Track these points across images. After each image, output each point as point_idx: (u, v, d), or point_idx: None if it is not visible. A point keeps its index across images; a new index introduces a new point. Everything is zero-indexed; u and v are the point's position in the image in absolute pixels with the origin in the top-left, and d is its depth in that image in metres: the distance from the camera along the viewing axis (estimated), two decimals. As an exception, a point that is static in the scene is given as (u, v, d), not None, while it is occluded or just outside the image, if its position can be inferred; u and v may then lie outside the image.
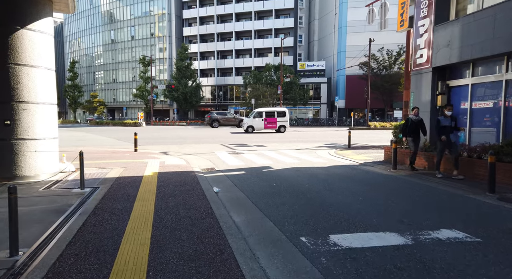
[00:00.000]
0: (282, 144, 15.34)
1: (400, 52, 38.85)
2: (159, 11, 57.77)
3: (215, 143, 16.17)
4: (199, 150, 12.81)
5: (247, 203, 5.17)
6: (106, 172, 7.63)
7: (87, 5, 67.61)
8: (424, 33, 8.47)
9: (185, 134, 22.29)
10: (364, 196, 5.53)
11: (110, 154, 11.18)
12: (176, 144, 15.52)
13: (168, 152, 12.08)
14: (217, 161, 10.00)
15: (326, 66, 48.27)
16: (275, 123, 23.45)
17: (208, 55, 57.71)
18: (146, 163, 9.08)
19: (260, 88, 42.14)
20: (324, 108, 48.56)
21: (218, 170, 8.40)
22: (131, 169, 7.98)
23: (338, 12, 46.47)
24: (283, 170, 8.12)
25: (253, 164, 9.24)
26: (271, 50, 52.85)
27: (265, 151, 12.31)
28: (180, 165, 8.84)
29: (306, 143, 16.29)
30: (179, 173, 7.54)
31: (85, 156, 10.75)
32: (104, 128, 33.43)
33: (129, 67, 62.74)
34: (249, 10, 52.62)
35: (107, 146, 14.50)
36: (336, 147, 14.25)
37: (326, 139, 18.43)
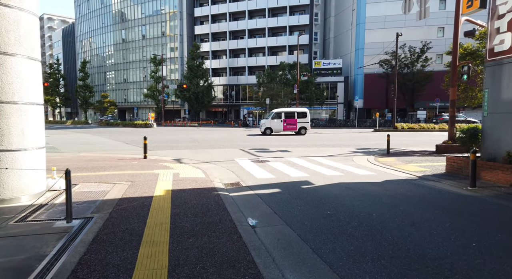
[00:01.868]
0: (308, 149, 13.63)
1: (424, 48, 36.61)
2: (170, 10, 56.58)
3: (232, 147, 14.55)
4: (217, 157, 11.20)
5: (303, 250, 3.49)
6: (106, 189, 6.05)
7: (99, 5, 66.97)
8: (507, 12, 6.65)
9: (198, 137, 20.76)
10: (475, 239, 3.79)
11: (116, 162, 9.65)
12: (189, 148, 13.95)
13: (182, 160, 10.51)
14: (240, 172, 8.36)
15: (343, 64, 46.25)
16: (295, 124, 21.70)
17: (220, 54, 56.27)
18: (157, 175, 7.49)
19: (274, 87, 40.40)
20: (340, 108, 46.54)
21: (245, 186, 6.75)
22: (138, 186, 6.39)
23: (356, 8, 44.40)
24: (329, 187, 6.42)
25: (285, 176, 7.56)
26: (285, 48, 51.06)
27: (293, 159, 10.61)
28: (198, 178, 7.23)
29: (335, 147, 14.54)
30: (198, 192, 5.92)
31: (86, 165, 9.10)
32: (113, 130, 32.20)
33: (140, 66, 61.77)
34: (263, 7, 50.94)
35: (114, 151, 13.01)
36: (371, 152, 12.48)
37: (355, 143, 16.63)
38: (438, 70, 39.89)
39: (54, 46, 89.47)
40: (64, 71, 76.33)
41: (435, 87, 38.29)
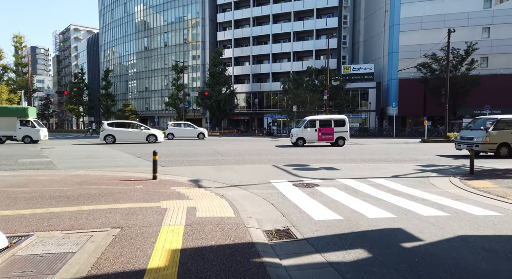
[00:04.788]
0: (358, 166, 10.83)
1: (469, 50, 32.96)
2: (192, 17, 55.42)
3: (262, 162, 11.97)
4: (246, 177, 8.64)
5: None
6: (72, 249, 3.57)
7: (122, 13, 67.03)
8: None
9: (221, 148, 18.34)
10: None
11: (115, 185, 7.26)
12: (211, 164, 11.48)
13: (201, 181, 8.01)
14: (285, 205, 5.74)
15: (374, 69, 43.04)
16: (332, 134, 18.90)
17: (243, 60, 54.32)
18: (163, 214, 4.98)
19: (301, 94, 37.72)
20: (372, 116, 43.16)
21: (301, 238, 4.11)
22: (128, 239, 3.89)
23: (389, 9, 41.34)
24: (453, 249, 3.67)
25: (359, 218, 4.87)
26: (312, 54, 48.42)
27: (349, 182, 7.89)
28: (225, 220, 4.67)
29: (390, 163, 11.67)
30: (226, 256, 3.36)
31: (73, 192, 6.39)
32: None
33: (161, 75, 60.81)
34: (288, 11, 48.70)
35: (120, 167, 10.71)
36: (444, 171, 9.58)
37: (410, 157, 13.66)
38: (484, 74, 36.09)
39: (79, 56, 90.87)
40: (88, 80, 76.88)
41: (481, 92, 34.48)
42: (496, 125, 13.39)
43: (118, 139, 22.35)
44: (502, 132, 13.33)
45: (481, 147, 13.46)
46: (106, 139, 22.08)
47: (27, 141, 22.97)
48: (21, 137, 22.86)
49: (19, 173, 9.08)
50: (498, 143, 13.33)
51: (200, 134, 28.99)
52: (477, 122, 14.76)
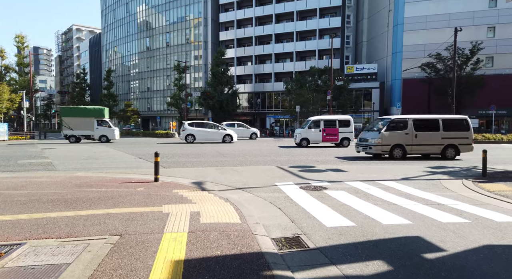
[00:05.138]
0: (365, 167, 10.53)
1: (474, 50, 32.52)
2: (194, 16, 55.21)
3: (266, 163, 11.69)
4: (250, 179, 8.36)
5: None
6: (66, 260, 3.29)
7: (124, 13, 66.93)
8: None
9: (224, 149, 18.08)
10: None
11: (115, 188, 6.99)
12: (214, 165, 11.20)
13: (204, 183, 7.74)
14: (292, 209, 5.46)
15: (378, 69, 42.68)
16: (337, 135, 18.59)
17: (245, 60, 54.03)
18: (165, 219, 4.70)
19: (304, 94, 37.38)
20: (376, 116, 42.72)
21: (313, 247, 3.82)
22: (128, 248, 3.61)
23: (393, 9, 40.95)
24: (481, 261, 3.37)
25: (373, 224, 4.57)
26: (315, 53, 48.09)
27: (358, 184, 7.60)
28: (230, 226, 4.38)
29: (397, 164, 11.35)
30: (230, 263, 3.10)
31: (71, 195, 6.11)
32: (131, 140, 30.20)
33: (163, 75, 60.63)
34: (291, 10, 48.37)
35: (121, 168, 10.45)
36: (455, 173, 9.27)
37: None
38: (490, 74, 35.67)
39: (81, 56, 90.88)
40: (91, 81, 76.88)
41: (487, 92, 34.05)
42: (389, 126, 12.82)
43: (197, 139, 23.09)
44: (395, 133, 12.73)
45: (374, 149, 12.83)
46: (187, 139, 22.95)
47: (103, 140, 24.40)
48: (98, 137, 24.31)
49: (17, 175, 8.83)
50: (391, 145, 12.71)
51: (253, 134, 28.73)
52: (374, 123, 14.06)
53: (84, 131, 24.10)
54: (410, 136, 12.63)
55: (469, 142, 12.97)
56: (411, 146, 12.69)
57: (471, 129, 13.10)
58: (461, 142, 12.88)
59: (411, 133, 12.62)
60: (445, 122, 12.86)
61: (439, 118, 12.94)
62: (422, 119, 13.15)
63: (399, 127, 12.81)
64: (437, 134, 12.77)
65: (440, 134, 12.76)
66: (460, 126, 13.06)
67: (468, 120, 13.23)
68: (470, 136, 12.95)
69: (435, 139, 12.78)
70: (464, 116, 13.42)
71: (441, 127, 12.78)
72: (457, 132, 12.89)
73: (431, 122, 13.01)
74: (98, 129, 24.15)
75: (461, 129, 12.98)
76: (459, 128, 13.03)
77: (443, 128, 12.79)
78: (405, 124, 12.76)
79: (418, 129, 12.71)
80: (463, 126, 13.05)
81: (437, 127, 12.82)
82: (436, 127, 12.82)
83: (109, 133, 24.48)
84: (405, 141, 12.64)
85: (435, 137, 12.78)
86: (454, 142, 12.82)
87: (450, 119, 13.25)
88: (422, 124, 12.95)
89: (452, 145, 12.83)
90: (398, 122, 12.92)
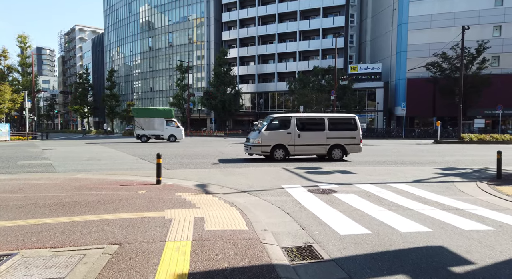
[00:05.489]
0: (374, 169, 10.21)
1: (480, 48, 32.06)
2: (197, 16, 55.00)
3: (271, 165, 11.38)
4: (256, 181, 8.07)
5: None
6: (59, 274, 3.01)
7: (127, 14, 66.85)
8: None
9: (228, 150, 17.80)
10: None
11: (116, 190, 6.72)
12: (217, 166, 10.92)
13: (208, 186, 7.47)
14: (301, 214, 5.16)
15: (382, 68, 42.27)
16: (342, 135, 18.23)
17: (248, 60, 53.76)
18: (167, 225, 4.42)
19: (308, 93, 37.06)
20: (380, 116, 42.40)
21: (328, 258, 3.52)
22: (127, 260, 3.33)
23: (397, 7, 40.56)
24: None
25: (391, 232, 4.26)
26: (318, 53, 47.74)
27: (369, 187, 7.29)
28: (237, 234, 4.10)
29: (406, 166, 11.04)
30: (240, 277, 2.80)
31: (70, 199, 5.78)
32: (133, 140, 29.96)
33: (166, 75, 60.48)
34: (294, 10, 48.06)
35: (122, 170, 10.19)
36: (467, 175, 8.95)
37: (426, 159, 13.02)
38: (496, 73, 35.18)
39: (84, 56, 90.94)
40: (93, 81, 76.85)
41: (493, 92, 33.55)
42: (270, 125, 11.99)
43: None
44: (276, 133, 11.90)
45: (253, 150, 11.95)
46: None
47: (172, 139, 25.22)
48: (167, 136, 25.11)
49: (15, 177, 8.59)
50: (272, 145, 11.90)
51: None
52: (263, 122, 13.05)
53: (154, 131, 24.86)
54: (293, 135, 11.91)
55: (356, 142, 12.30)
56: (294, 147, 11.97)
57: (359, 128, 12.38)
58: (348, 142, 12.25)
59: (294, 132, 11.89)
60: (331, 121, 12.18)
61: (325, 117, 12.25)
62: (307, 118, 12.50)
63: (282, 126, 12.04)
64: (322, 134, 12.08)
65: (325, 134, 12.08)
66: (347, 125, 12.38)
67: (356, 119, 12.50)
68: (358, 136, 12.28)
69: (320, 139, 12.09)
70: (352, 115, 12.70)
71: (326, 126, 12.07)
72: (344, 132, 12.23)
73: (316, 121, 12.35)
74: (167, 129, 24.90)
75: (349, 128, 12.31)
76: (346, 127, 12.35)
77: (329, 127, 12.08)
78: (288, 123, 12.00)
79: (302, 128, 11.99)
80: (351, 125, 12.36)
81: (322, 126, 12.11)
82: (321, 127, 12.12)
83: (177, 133, 25.26)
84: (287, 141, 11.93)
85: (319, 137, 12.08)
86: (340, 142, 12.19)
87: (336, 118, 12.60)
88: (307, 123, 12.26)
89: (338, 145, 12.21)
90: (281, 121, 12.12)
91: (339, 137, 12.19)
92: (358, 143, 12.33)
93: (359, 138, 12.30)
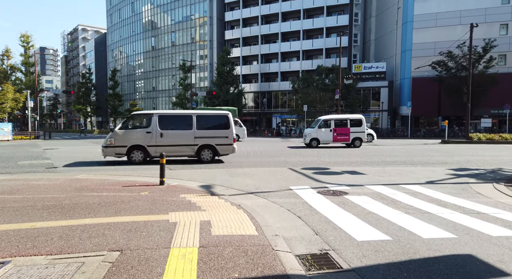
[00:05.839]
0: (383, 169, 9.89)
1: (487, 47, 31.57)
2: (200, 15, 54.76)
3: (277, 164, 11.10)
4: (263, 182, 7.78)
5: None
6: (54, 285, 2.75)
7: (129, 13, 66.74)
8: None
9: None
10: None
11: (117, 192, 6.46)
12: (222, 166, 10.64)
13: (213, 186, 7.19)
14: (313, 218, 4.87)
15: (387, 68, 41.83)
16: (348, 134, 17.93)
17: (251, 60, 53.44)
18: (171, 230, 4.14)
19: (312, 93, 36.72)
20: (384, 116, 41.95)
21: (345, 266, 3.23)
22: (128, 269, 3.05)
23: (402, 6, 40.09)
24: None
25: (412, 238, 3.96)
26: (322, 52, 47.33)
27: (381, 189, 6.98)
28: (246, 239, 3.82)
29: (416, 166, 10.71)
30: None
31: (69, 200, 5.64)
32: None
33: (169, 74, 60.30)
34: (297, 9, 47.66)
35: (123, 170, 9.92)
36: (480, 176, 8.62)
37: (435, 159, 12.66)
38: (503, 72, 34.66)
39: (87, 56, 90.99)
40: (96, 81, 76.86)
41: (499, 91, 33.05)
42: (125, 124, 10.99)
43: None
44: (133, 132, 10.82)
45: (106, 151, 10.71)
46: None
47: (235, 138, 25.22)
48: None
49: (15, 177, 8.35)
50: (128, 146, 10.71)
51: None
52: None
53: None
54: (154, 135, 10.83)
55: (229, 142, 11.44)
56: (155, 147, 10.86)
57: (231, 127, 11.50)
58: (220, 142, 11.34)
59: (155, 131, 10.82)
60: (200, 119, 11.24)
61: (193, 114, 11.28)
62: (171, 115, 11.48)
63: (141, 125, 11.08)
64: (190, 133, 11.10)
65: (193, 133, 11.11)
66: (219, 124, 11.48)
67: (229, 117, 11.55)
68: (231, 135, 11.43)
69: (187, 139, 11.08)
70: (224, 112, 11.67)
71: (194, 125, 11.11)
72: (215, 131, 11.33)
73: (182, 119, 11.34)
74: None
75: (220, 127, 11.42)
76: (217, 126, 11.45)
77: (198, 126, 11.15)
78: (148, 121, 11.00)
79: (165, 127, 10.94)
80: (223, 124, 11.45)
81: (190, 125, 11.12)
82: (188, 125, 11.13)
83: (240, 132, 25.18)
84: (147, 142, 10.81)
85: (186, 137, 11.08)
86: (210, 142, 11.26)
87: (206, 115, 11.60)
88: (171, 121, 11.19)
89: (209, 145, 11.30)
90: (139, 119, 11.20)
91: (209, 137, 11.27)
92: (231, 143, 11.46)
93: (232, 137, 11.45)
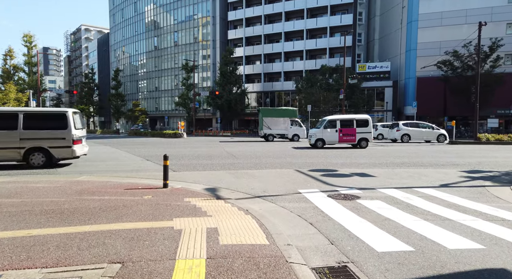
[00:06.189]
0: (393, 171, 9.58)
1: (494, 46, 31.09)
2: (203, 15, 54.55)
3: (283, 166, 10.82)
4: (270, 185, 7.50)
5: None
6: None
7: (132, 13, 66.65)
8: None
9: (235, 150, 17.25)
10: None
11: (119, 195, 6.19)
12: (227, 168, 10.36)
13: (219, 190, 6.92)
14: (327, 226, 4.58)
15: (391, 67, 41.44)
16: (354, 135, 17.59)
17: (254, 59, 53.19)
18: (176, 239, 3.86)
19: (315, 93, 36.39)
20: (389, 116, 41.55)
21: (370, 283, 2.95)
22: (130, 285, 2.78)
23: (407, 5, 39.69)
24: None
25: (437, 249, 3.67)
26: (325, 52, 47.02)
27: (394, 193, 6.68)
28: (257, 249, 3.53)
29: (426, 168, 10.38)
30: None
31: (69, 204, 5.45)
32: (139, 140, 29.61)
33: (171, 74, 60.13)
34: (301, 8, 47.38)
35: (126, 171, 9.67)
36: (493, 177, 8.33)
37: (445, 160, 12.32)
38: (509, 72, 34.18)
39: (90, 56, 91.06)
40: (99, 81, 76.85)
41: (506, 91, 32.58)
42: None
43: (412, 138, 23.32)
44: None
45: None
46: (403, 138, 23.33)
47: (296, 139, 25.58)
48: (291, 136, 25.50)
49: (14, 179, 8.10)
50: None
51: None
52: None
53: (280, 130, 25.36)
54: None
55: (67, 144, 9.68)
56: None
57: (70, 126, 9.68)
58: (55, 144, 9.61)
59: None
60: (28, 118, 9.51)
61: (19, 112, 9.50)
62: None
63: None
64: (14, 134, 9.33)
65: (18, 134, 9.36)
66: (54, 122, 9.71)
67: (69, 114, 9.80)
68: (69, 137, 9.65)
69: (9, 140, 9.33)
70: (62, 110, 9.99)
71: (20, 124, 9.34)
72: (47, 131, 9.58)
73: (4, 117, 9.53)
74: (292, 129, 25.37)
75: (56, 127, 9.66)
76: (52, 125, 9.66)
77: (24, 125, 9.38)
78: None
79: None
80: (59, 122, 9.67)
81: (13, 123, 9.32)
82: (12, 124, 9.33)
83: (300, 132, 25.63)
84: None
85: (8, 138, 9.31)
86: (42, 144, 9.53)
87: (38, 113, 9.92)
88: None
89: (40, 148, 9.60)
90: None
91: (39, 138, 9.53)
92: (69, 145, 9.68)
93: (70, 139, 9.66)
